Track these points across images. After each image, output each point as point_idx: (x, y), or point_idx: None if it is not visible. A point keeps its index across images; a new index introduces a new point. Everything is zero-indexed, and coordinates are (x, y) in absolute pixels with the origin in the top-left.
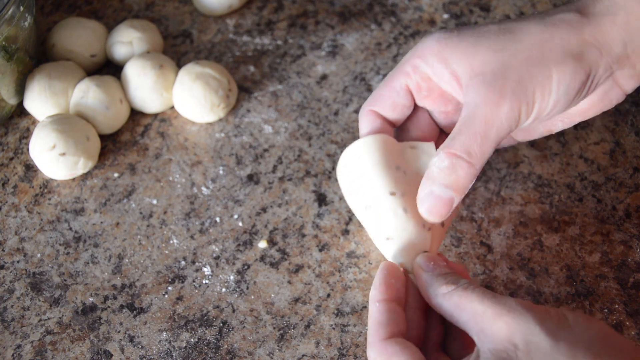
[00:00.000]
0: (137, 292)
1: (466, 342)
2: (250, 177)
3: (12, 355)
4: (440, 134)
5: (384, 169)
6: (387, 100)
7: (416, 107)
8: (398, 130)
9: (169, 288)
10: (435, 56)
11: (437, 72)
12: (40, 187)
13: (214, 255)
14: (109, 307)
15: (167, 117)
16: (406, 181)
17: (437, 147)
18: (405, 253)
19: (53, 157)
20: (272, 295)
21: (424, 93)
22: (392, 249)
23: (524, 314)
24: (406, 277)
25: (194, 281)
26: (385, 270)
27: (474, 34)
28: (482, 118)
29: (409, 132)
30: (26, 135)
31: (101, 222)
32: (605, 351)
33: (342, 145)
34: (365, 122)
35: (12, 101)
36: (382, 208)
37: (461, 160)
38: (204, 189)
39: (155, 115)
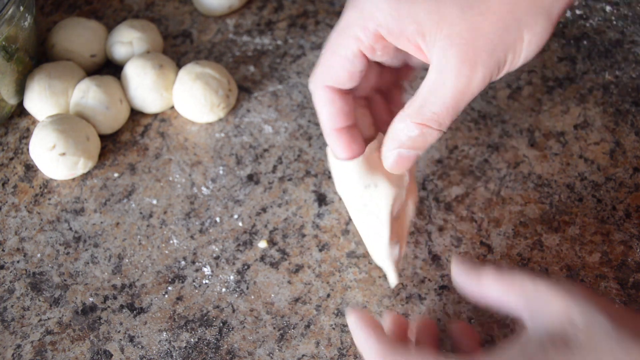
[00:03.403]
0: (137, 292)
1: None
2: (250, 177)
3: (12, 355)
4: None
5: (355, 190)
6: (341, 71)
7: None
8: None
9: (169, 288)
10: (389, 15)
11: (394, 32)
12: (40, 187)
13: (214, 255)
14: (109, 307)
15: (167, 117)
16: (378, 196)
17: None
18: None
19: (53, 157)
20: (272, 295)
21: (378, 53)
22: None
23: (584, 297)
24: None
25: (194, 281)
26: None
27: None
28: (454, 89)
29: (360, 89)
30: (26, 135)
31: (101, 222)
32: None
33: None
34: (323, 101)
35: (12, 101)
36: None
37: (431, 129)
38: (204, 189)
39: (155, 115)
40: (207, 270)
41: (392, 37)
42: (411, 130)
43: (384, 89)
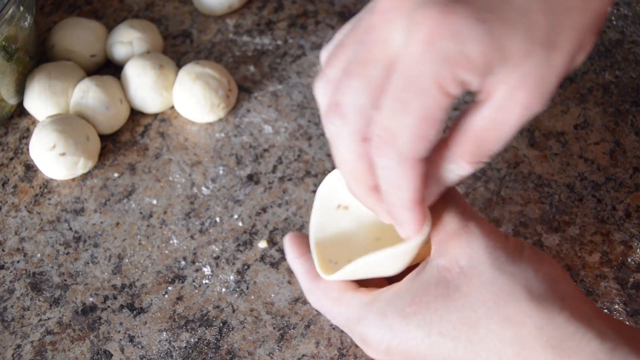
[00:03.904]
0: (137, 292)
1: None
2: (250, 177)
3: (12, 355)
4: None
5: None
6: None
7: None
8: None
9: (169, 288)
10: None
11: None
12: (40, 187)
13: (214, 255)
14: (109, 307)
15: (167, 117)
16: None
17: None
18: None
19: (53, 157)
20: (272, 295)
21: None
22: None
23: (480, 239)
24: None
25: (194, 281)
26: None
27: None
28: (516, 126)
29: None
30: (26, 135)
31: (101, 222)
32: (546, 295)
33: None
34: (417, 174)
35: (12, 101)
36: None
37: (481, 164)
38: (204, 189)
39: (155, 115)
40: (207, 270)
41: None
42: (464, 169)
43: None
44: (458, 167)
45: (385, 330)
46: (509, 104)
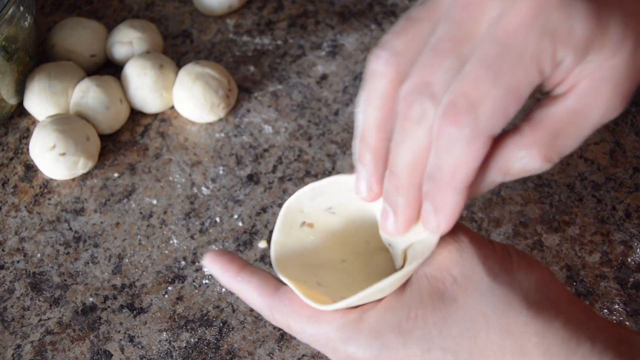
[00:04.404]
0: (137, 292)
1: None
2: (250, 177)
3: (12, 355)
4: None
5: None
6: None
7: None
8: None
9: (169, 288)
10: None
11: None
12: (40, 187)
13: None
14: (109, 307)
15: (167, 117)
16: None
17: None
18: None
19: (53, 157)
20: None
21: None
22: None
23: (469, 248)
24: None
25: (194, 281)
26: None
27: None
28: (597, 123)
29: None
30: (26, 135)
31: (101, 222)
32: (541, 302)
33: (342, 145)
34: (481, 154)
35: (12, 101)
36: None
37: (549, 164)
38: (204, 189)
39: (155, 115)
40: (207, 270)
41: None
42: (534, 161)
43: None
44: (528, 155)
45: (380, 350)
46: (594, 98)
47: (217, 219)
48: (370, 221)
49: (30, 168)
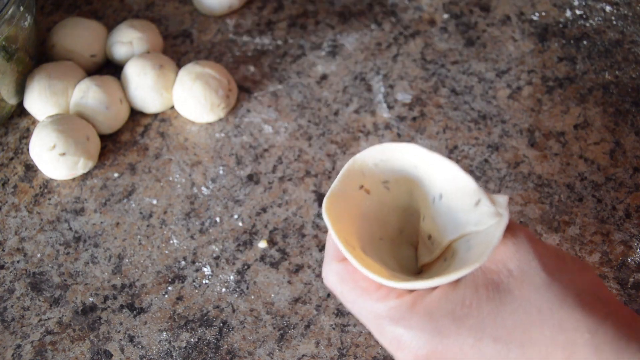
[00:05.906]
0: (137, 292)
1: None
2: (250, 177)
3: (12, 355)
4: None
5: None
6: None
7: None
8: None
9: (169, 288)
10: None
11: None
12: (40, 187)
13: (214, 255)
14: (109, 307)
15: (167, 117)
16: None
17: None
18: None
19: (53, 157)
20: (272, 295)
21: None
22: None
23: (525, 244)
24: None
25: (194, 281)
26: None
27: None
28: None
29: None
30: (26, 135)
31: (101, 222)
32: (593, 302)
33: (342, 145)
34: None
35: (12, 101)
36: None
37: None
38: (204, 189)
39: (155, 115)
40: (207, 270)
41: None
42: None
43: None
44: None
45: (432, 334)
46: None
47: (217, 219)
48: (412, 211)
49: (30, 168)
